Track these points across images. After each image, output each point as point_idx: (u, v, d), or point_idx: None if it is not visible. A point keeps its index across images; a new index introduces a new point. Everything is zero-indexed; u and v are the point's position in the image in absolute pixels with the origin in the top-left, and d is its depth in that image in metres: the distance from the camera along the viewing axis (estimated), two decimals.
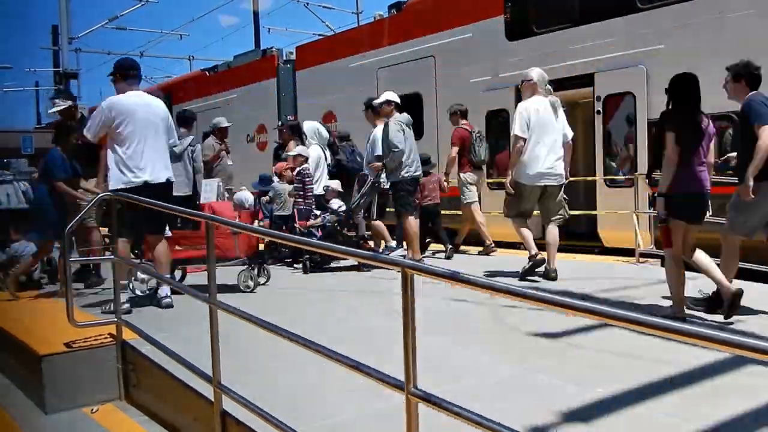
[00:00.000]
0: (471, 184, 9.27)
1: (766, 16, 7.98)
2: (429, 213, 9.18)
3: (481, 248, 9.31)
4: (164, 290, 5.99)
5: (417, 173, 8.01)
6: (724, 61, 8.22)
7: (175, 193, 7.55)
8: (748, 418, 3.22)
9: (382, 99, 8.14)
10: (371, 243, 8.82)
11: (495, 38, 11.03)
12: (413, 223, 7.87)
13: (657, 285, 6.31)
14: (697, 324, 1.68)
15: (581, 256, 8.79)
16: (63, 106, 7.50)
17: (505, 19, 10.92)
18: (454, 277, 2.32)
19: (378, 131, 8.19)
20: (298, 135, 9.90)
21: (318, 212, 8.30)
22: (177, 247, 6.59)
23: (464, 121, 9.50)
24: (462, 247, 9.61)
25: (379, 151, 8.05)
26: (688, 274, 5.25)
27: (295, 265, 8.62)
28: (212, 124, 10.38)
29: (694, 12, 8.59)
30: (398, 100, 8.10)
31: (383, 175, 8.07)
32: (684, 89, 5.19)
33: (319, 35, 23.60)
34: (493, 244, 9.13)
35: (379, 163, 7.99)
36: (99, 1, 34.96)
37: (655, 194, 5.28)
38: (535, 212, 7.33)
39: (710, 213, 5.33)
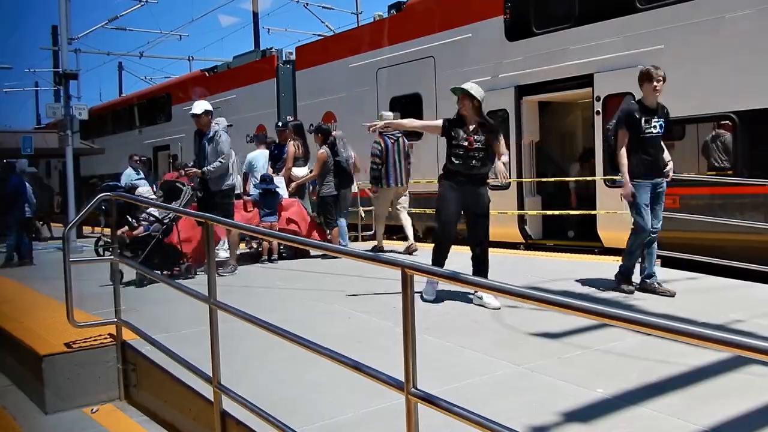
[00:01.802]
0: None
1: (765, 16, 7.98)
2: None
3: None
4: None
5: (233, 182, 8.32)
6: (724, 61, 8.30)
7: None
8: (750, 418, 3.22)
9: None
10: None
11: (495, 38, 11.03)
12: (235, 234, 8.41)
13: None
14: (697, 325, 1.68)
15: (581, 256, 8.79)
16: None
17: (504, 20, 10.92)
18: (454, 277, 2.32)
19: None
20: (300, 135, 9.89)
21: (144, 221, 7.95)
22: None
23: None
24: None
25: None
26: None
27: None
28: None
29: (694, 12, 8.59)
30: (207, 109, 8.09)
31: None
32: None
33: (319, 36, 23.57)
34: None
35: (198, 170, 7.99)
36: (99, 1, 34.89)
37: None
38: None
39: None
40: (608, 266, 7.35)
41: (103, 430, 4.33)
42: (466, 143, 5.77)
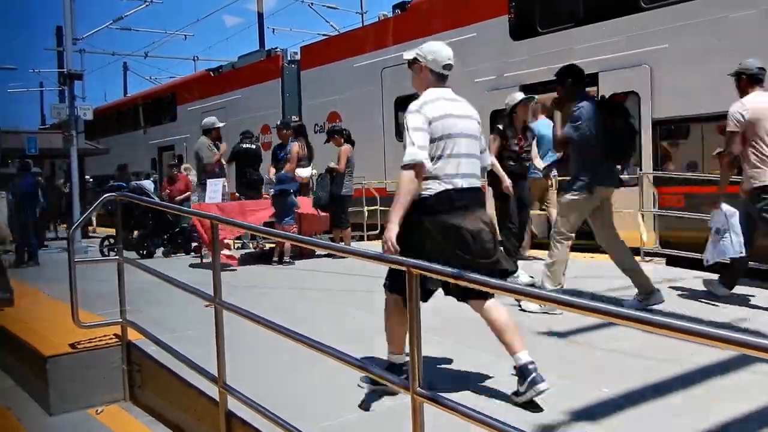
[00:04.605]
0: None
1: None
2: None
3: None
4: None
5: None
6: (728, 60, 8.24)
7: None
8: (755, 416, 3.20)
9: None
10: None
11: (499, 38, 11.01)
12: None
13: (663, 284, 6.29)
14: (704, 324, 1.67)
15: (586, 255, 8.77)
16: None
17: (509, 19, 10.91)
18: (460, 276, 2.31)
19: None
20: (303, 135, 9.88)
21: None
22: None
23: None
24: None
25: None
26: None
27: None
28: (203, 124, 10.39)
29: (698, 11, 8.57)
30: None
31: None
32: None
33: (324, 35, 23.59)
34: None
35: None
36: (103, 1, 35.04)
37: None
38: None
39: None
40: (614, 265, 7.35)
41: (108, 431, 4.33)
42: None
